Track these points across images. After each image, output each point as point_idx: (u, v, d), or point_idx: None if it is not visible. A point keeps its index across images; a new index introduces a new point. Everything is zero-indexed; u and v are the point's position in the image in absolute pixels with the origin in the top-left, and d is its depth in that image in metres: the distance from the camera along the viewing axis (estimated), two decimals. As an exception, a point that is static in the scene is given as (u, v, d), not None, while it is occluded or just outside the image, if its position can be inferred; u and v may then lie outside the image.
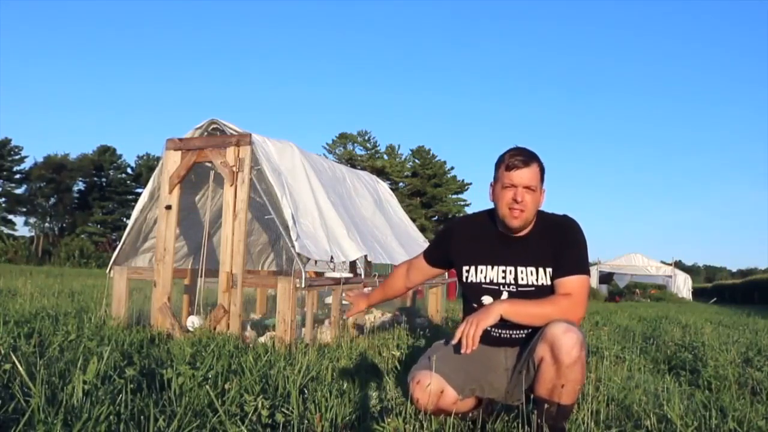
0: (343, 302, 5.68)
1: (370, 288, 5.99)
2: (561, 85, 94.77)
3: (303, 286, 4.35)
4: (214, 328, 4.44)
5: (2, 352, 3.06)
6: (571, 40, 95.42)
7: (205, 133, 4.94)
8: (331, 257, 4.76)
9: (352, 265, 6.27)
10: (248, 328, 4.88)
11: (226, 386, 2.67)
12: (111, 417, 2.17)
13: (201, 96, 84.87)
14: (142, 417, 2.21)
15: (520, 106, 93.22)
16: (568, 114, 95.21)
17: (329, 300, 6.13)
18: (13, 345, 3.31)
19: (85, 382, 2.45)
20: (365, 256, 5.37)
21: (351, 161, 48.48)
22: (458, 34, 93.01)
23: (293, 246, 4.37)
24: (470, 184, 53.11)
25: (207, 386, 2.59)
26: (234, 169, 4.59)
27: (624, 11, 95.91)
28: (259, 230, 6.74)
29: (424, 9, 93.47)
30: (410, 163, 53.54)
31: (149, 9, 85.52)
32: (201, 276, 5.08)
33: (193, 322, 4.68)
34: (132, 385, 2.54)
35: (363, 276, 5.54)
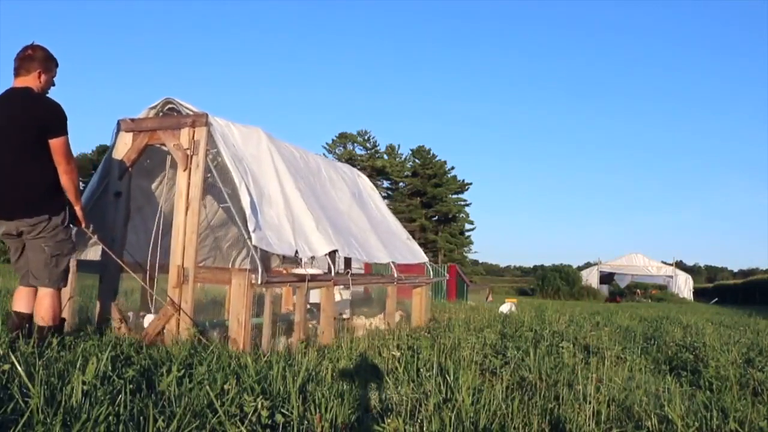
0: (310, 301, 5.34)
1: (342, 286, 5.52)
2: (561, 85, 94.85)
3: (260, 282, 3.96)
4: (163, 328, 4.12)
5: (1, 352, 3.05)
6: (570, 42, 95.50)
7: (161, 114, 4.57)
8: (296, 252, 4.39)
9: (347, 261, 5.93)
10: None
11: (226, 387, 2.66)
12: (110, 418, 2.16)
13: (200, 96, 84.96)
14: (141, 417, 2.20)
15: (520, 106, 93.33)
16: (569, 113, 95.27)
17: (314, 299, 5.70)
18: (12, 345, 3.30)
19: (84, 383, 2.44)
20: (336, 252, 4.96)
21: (351, 161, 48.39)
22: (458, 34, 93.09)
23: (249, 238, 4.02)
24: (470, 184, 53.14)
25: (207, 386, 2.58)
26: (188, 152, 4.21)
27: (623, 13, 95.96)
28: (229, 223, 6.25)
29: (425, 9, 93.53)
30: (410, 163, 53.51)
31: (154, 11, 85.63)
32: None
33: (150, 320, 4.35)
34: (131, 386, 2.53)
35: (333, 273, 4.91)
